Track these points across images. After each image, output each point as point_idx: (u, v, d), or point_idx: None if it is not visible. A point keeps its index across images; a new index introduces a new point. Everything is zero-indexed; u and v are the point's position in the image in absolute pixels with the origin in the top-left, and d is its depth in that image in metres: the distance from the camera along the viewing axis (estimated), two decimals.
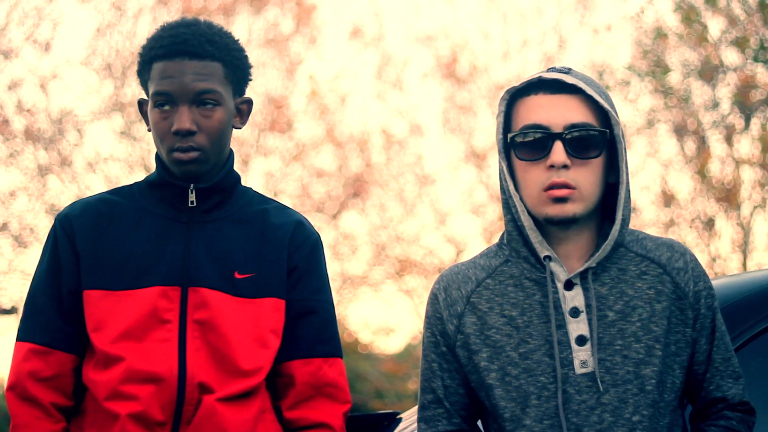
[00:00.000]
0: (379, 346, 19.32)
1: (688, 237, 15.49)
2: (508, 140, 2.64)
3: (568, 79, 2.60)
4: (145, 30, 15.72)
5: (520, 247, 2.65)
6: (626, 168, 2.63)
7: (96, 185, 15.67)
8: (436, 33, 17.50)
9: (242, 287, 2.76)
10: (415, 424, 3.24)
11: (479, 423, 2.77)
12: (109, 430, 2.68)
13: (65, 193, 15.42)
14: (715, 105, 15.33)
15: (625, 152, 2.64)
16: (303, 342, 2.80)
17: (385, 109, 17.52)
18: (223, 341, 2.72)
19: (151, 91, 2.74)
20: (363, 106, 21.58)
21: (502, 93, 2.64)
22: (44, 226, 15.07)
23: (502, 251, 2.71)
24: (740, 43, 14.84)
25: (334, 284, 15.83)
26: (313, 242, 2.85)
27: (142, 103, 2.82)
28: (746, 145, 15.41)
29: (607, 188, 2.66)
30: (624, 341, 2.60)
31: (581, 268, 2.61)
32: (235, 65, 2.78)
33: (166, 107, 2.73)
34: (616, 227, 2.62)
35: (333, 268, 16.65)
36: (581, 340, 2.60)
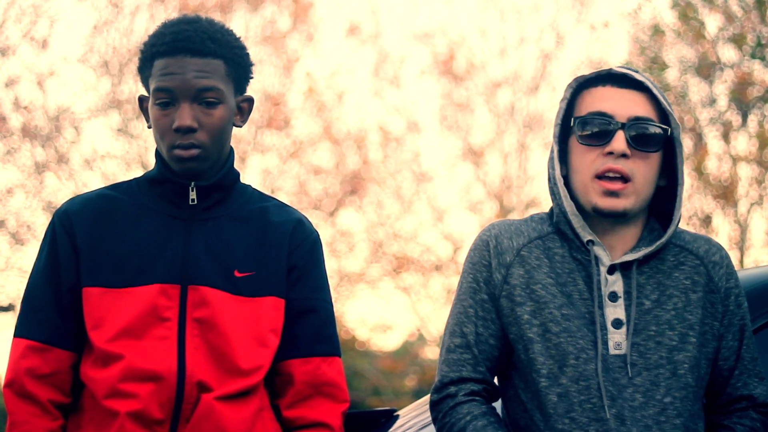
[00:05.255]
0: (376, 343, 19.32)
1: None
2: (571, 125, 2.71)
3: (637, 75, 2.69)
4: (142, 27, 15.71)
5: (567, 229, 2.72)
6: (683, 170, 2.70)
7: (93, 182, 15.66)
8: (433, 30, 17.50)
9: (242, 286, 2.75)
10: (413, 421, 3.24)
11: (495, 380, 2.79)
12: (108, 428, 2.68)
13: (62, 191, 15.41)
14: (713, 102, 15.32)
15: (683, 155, 2.71)
16: (302, 341, 2.80)
17: (383, 106, 17.51)
18: (223, 340, 2.71)
19: (152, 88, 2.73)
20: (360, 103, 21.54)
21: (569, 80, 2.75)
22: (41, 223, 15.05)
23: (552, 222, 2.76)
24: (737, 40, 14.83)
25: (331, 281, 15.73)
26: (312, 241, 2.85)
27: (142, 100, 2.81)
28: (743, 142, 15.42)
29: (656, 190, 2.73)
30: (658, 327, 2.66)
31: (628, 258, 2.68)
32: (236, 62, 2.77)
33: (167, 104, 2.72)
34: (673, 228, 2.69)
35: (330, 265, 16.64)
36: (617, 324, 2.65)
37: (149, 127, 2.77)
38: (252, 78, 2.84)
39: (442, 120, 17.36)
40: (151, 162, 2.81)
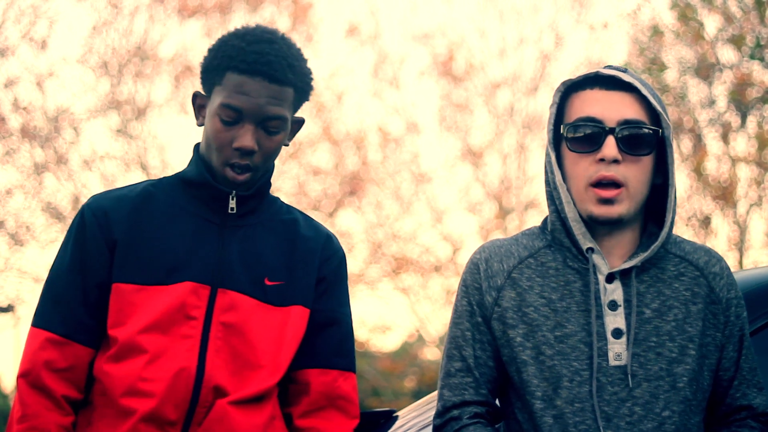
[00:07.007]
0: (375, 344, 19.34)
1: (684, 235, 15.49)
2: (561, 131, 2.67)
3: (625, 77, 2.64)
4: (141, 28, 15.71)
5: (563, 237, 2.68)
6: (674, 172, 2.66)
7: (92, 183, 15.67)
8: (433, 31, 17.52)
9: (271, 294, 2.75)
10: (412, 422, 3.24)
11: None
12: (120, 427, 2.66)
13: (61, 191, 15.41)
14: (712, 103, 15.34)
15: (674, 155, 2.66)
16: (323, 352, 2.80)
17: (382, 107, 17.53)
18: (247, 346, 2.71)
19: (219, 101, 2.70)
20: (359, 104, 21.50)
21: (557, 85, 2.69)
22: (40, 224, 15.06)
23: (545, 235, 2.73)
24: (736, 41, 14.85)
25: None
26: (340, 257, 2.87)
27: (196, 96, 2.80)
28: (742, 143, 15.44)
29: (654, 191, 2.69)
30: (659, 338, 2.63)
31: (627, 266, 2.64)
32: (304, 90, 2.77)
33: (232, 120, 2.70)
34: (666, 230, 2.65)
35: None
36: (617, 333, 2.62)
37: (200, 125, 2.77)
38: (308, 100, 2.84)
39: (442, 121, 17.38)
40: (151, 163, 2.80)
